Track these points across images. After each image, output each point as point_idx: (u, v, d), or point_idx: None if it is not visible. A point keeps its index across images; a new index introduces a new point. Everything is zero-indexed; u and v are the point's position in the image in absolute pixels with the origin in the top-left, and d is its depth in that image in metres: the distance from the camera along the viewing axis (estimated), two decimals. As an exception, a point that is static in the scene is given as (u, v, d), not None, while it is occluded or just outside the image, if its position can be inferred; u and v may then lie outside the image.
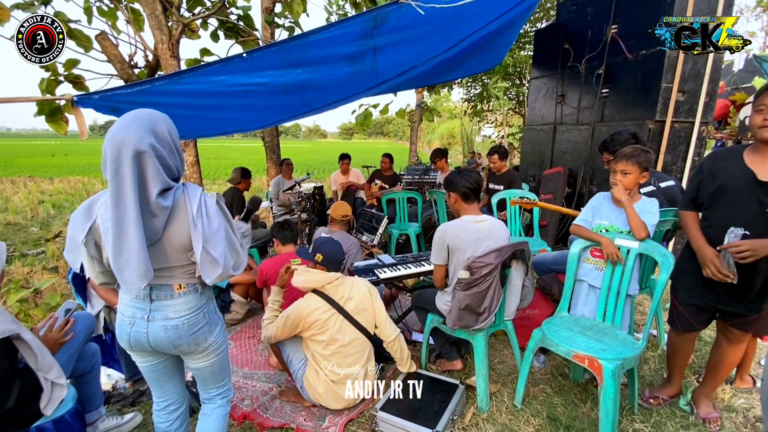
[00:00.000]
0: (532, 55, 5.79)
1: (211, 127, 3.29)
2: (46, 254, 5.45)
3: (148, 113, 1.25)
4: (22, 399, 1.44)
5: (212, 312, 1.46)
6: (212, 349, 1.46)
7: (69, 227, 1.26)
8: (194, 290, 1.38)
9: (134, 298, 1.35)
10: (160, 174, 1.19)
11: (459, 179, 2.06)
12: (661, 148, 3.75)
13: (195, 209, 1.24)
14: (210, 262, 1.26)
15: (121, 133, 1.14)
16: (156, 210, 1.20)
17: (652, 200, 1.98)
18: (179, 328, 1.36)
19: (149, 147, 1.15)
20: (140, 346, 1.39)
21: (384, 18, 2.50)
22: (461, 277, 1.90)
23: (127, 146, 1.12)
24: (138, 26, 4.39)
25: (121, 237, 1.14)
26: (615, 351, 1.73)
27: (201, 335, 1.41)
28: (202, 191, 1.30)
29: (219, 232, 1.28)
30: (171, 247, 1.28)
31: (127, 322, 1.37)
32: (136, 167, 1.13)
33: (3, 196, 10.34)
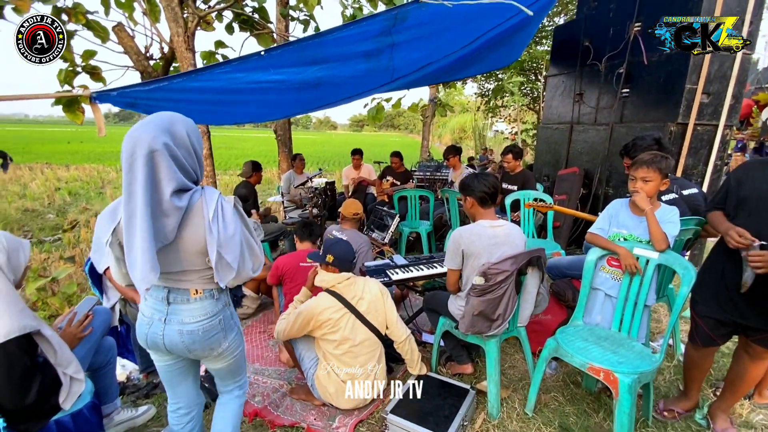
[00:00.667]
0: (550, 52, 5.66)
1: (226, 119, 3.30)
2: (62, 242, 5.56)
3: (168, 115, 1.25)
4: (42, 393, 1.47)
5: (228, 318, 1.46)
6: (228, 353, 1.47)
7: (96, 229, 1.32)
8: (210, 296, 1.39)
9: (154, 299, 1.37)
10: (174, 173, 1.19)
11: (476, 183, 2.03)
12: (682, 151, 3.65)
13: (211, 213, 1.23)
14: (224, 266, 1.27)
15: (137, 132, 1.16)
16: (169, 210, 1.19)
17: (672, 209, 1.92)
18: (194, 334, 1.37)
19: (162, 146, 1.16)
20: (156, 346, 1.42)
21: (404, 16, 2.46)
22: (476, 283, 1.88)
23: (141, 144, 1.14)
24: (154, 17, 4.39)
25: (130, 234, 1.15)
26: (631, 364, 1.69)
27: (215, 341, 1.42)
28: (220, 195, 1.30)
29: (234, 237, 1.27)
30: (187, 250, 1.28)
31: (146, 322, 1.39)
32: (148, 165, 1.14)
33: (21, 182, 10.55)
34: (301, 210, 4.85)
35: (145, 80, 4.16)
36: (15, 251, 1.50)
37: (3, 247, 1.46)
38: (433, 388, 2.12)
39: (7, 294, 1.42)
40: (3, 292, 1.41)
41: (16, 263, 1.50)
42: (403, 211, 4.77)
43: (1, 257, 1.44)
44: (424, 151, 8.98)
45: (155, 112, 2.34)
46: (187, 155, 1.25)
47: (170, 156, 1.18)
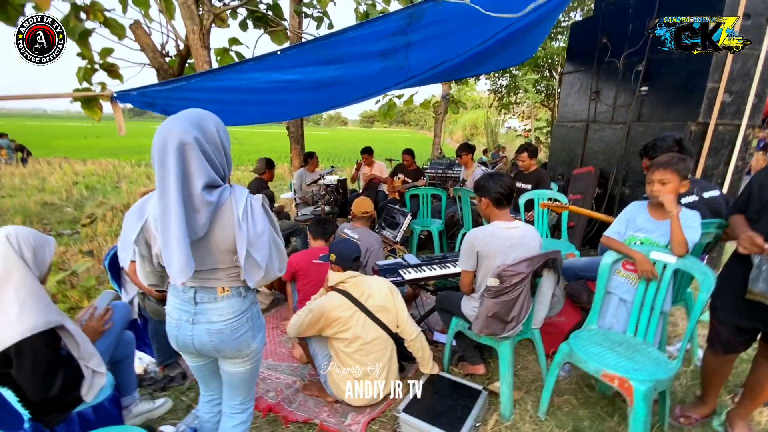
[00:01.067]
0: (566, 49, 5.57)
1: (242, 119, 3.33)
2: (80, 235, 5.69)
3: (198, 111, 1.25)
4: (65, 386, 1.52)
5: (256, 317, 1.46)
6: (254, 354, 1.47)
7: (124, 225, 1.30)
8: (237, 294, 1.38)
9: (180, 300, 1.37)
10: (204, 167, 1.18)
11: (491, 184, 2.01)
12: (702, 151, 3.57)
13: (241, 211, 1.23)
14: (253, 265, 1.26)
15: (168, 126, 1.17)
16: (199, 204, 1.18)
17: (694, 214, 1.87)
18: (222, 333, 1.36)
19: (193, 139, 1.15)
20: (186, 348, 1.43)
21: (420, 15, 2.44)
22: (490, 285, 1.87)
23: (172, 137, 1.14)
24: (170, 15, 4.43)
25: (165, 228, 1.15)
26: (647, 371, 1.66)
27: (244, 341, 1.41)
28: (248, 193, 1.30)
29: (263, 235, 1.27)
30: (216, 247, 1.28)
31: (174, 324, 1.40)
32: (179, 158, 1.14)
33: (40, 176, 10.81)
34: (313, 207, 4.87)
35: (161, 77, 4.22)
36: (41, 247, 1.54)
37: (30, 244, 1.50)
38: (445, 388, 2.12)
39: (34, 289, 1.46)
40: (30, 287, 1.45)
41: (42, 259, 1.54)
42: (414, 209, 4.76)
43: (27, 253, 1.49)
44: (435, 149, 8.94)
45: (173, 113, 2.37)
46: (216, 151, 1.24)
47: (200, 150, 1.18)
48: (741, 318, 1.72)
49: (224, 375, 1.52)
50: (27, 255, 1.48)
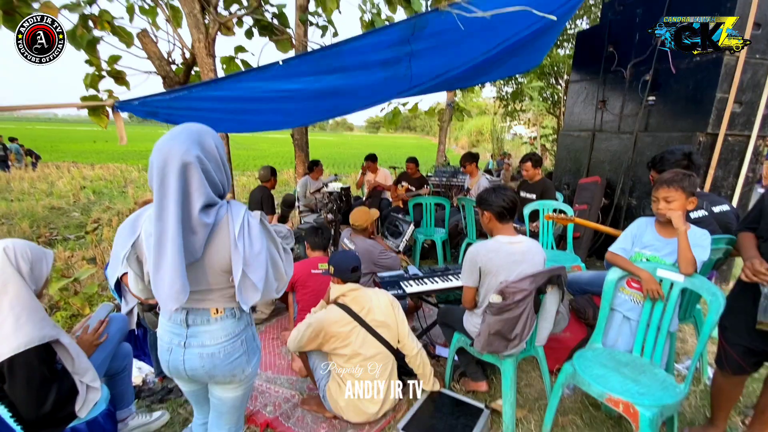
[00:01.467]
0: (573, 58, 5.53)
1: (245, 127, 3.34)
2: (86, 240, 5.72)
3: (197, 127, 1.20)
4: (58, 402, 1.49)
5: (251, 340, 1.39)
6: (248, 379, 1.40)
7: (115, 242, 1.24)
8: (232, 315, 1.32)
9: (172, 322, 1.31)
10: (204, 188, 1.14)
11: (494, 198, 1.98)
12: (711, 162, 3.51)
13: (237, 229, 1.18)
14: (249, 287, 1.20)
15: (168, 144, 1.11)
16: (197, 226, 1.14)
17: (704, 233, 1.81)
18: (215, 357, 1.30)
19: (195, 158, 1.11)
20: (178, 373, 1.36)
21: (423, 25, 2.43)
22: (493, 302, 1.82)
23: (174, 157, 1.09)
24: (177, 23, 4.47)
25: (160, 252, 1.10)
26: (654, 396, 1.59)
27: (238, 365, 1.34)
28: (246, 210, 1.25)
29: (260, 255, 1.21)
30: (211, 268, 1.23)
31: (165, 348, 1.33)
32: (181, 179, 1.09)
33: (49, 181, 10.95)
34: (316, 215, 4.86)
35: (167, 85, 4.25)
36: (38, 261, 1.53)
37: (27, 258, 1.49)
38: (446, 406, 2.07)
39: (29, 303, 1.45)
40: (25, 301, 1.44)
41: (38, 273, 1.53)
42: (418, 217, 4.73)
43: (24, 267, 1.47)
44: (440, 156, 8.91)
45: (176, 122, 2.35)
46: (216, 169, 1.20)
47: (202, 169, 1.13)
48: (752, 340, 1.66)
49: (213, 400, 1.45)
50: (24, 269, 1.47)
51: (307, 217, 5.12)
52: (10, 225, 6.50)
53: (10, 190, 9.50)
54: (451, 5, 2.46)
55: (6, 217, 7.08)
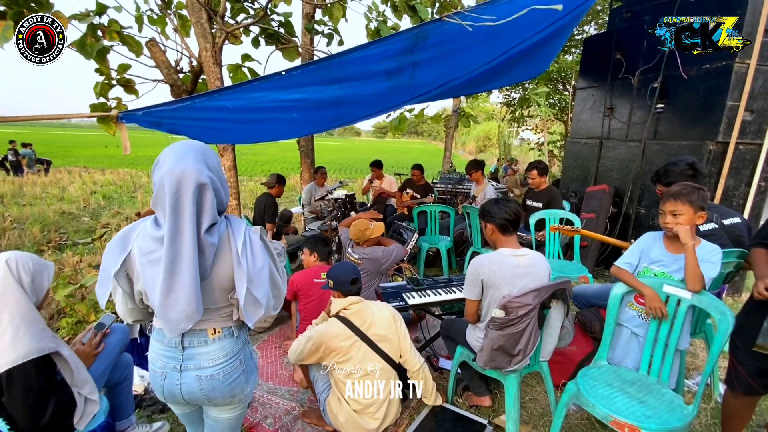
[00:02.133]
0: (580, 64, 5.48)
1: (247, 137, 3.35)
2: (95, 246, 5.79)
3: (198, 145, 1.19)
4: (56, 415, 1.49)
5: (248, 358, 1.37)
6: (245, 399, 1.38)
7: (103, 259, 1.19)
8: (230, 334, 1.29)
9: (165, 346, 1.27)
10: (213, 208, 1.14)
11: (496, 210, 1.95)
12: (722, 171, 3.43)
13: (240, 246, 1.16)
14: (252, 303, 1.18)
15: (180, 166, 1.09)
16: (205, 247, 1.12)
17: (715, 248, 1.75)
18: (214, 379, 1.26)
19: (208, 179, 1.11)
20: (174, 398, 1.32)
21: (426, 34, 2.42)
22: (495, 316, 1.79)
23: (188, 179, 1.08)
24: (185, 32, 4.53)
25: (174, 275, 1.08)
26: (660, 419, 1.53)
27: (237, 386, 1.32)
28: (246, 226, 1.23)
29: (263, 271, 1.20)
30: (214, 287, 1.20)
31: (159, 374, 1.29)
32: (196, 201, 1.08)
33: (60, 185, 11.12)
34: (321, 222, 4.86)
35: (174, 93, 4.30)
36: (40, 274, 1.54)
37: (29, 270, 1.50)
38: (448, 422, 2.04)
39: (29, 315, 1.45)
40: (25, 312, 1.44)
41: (39, 285, 1.53)
42: (422, 225, 4.70)
43: (26, 279, 1.48)
44: (446, 162, 8.88)
45: (180, 132, 2.34)
46: (222, 187, 1.20)
47: (213, 189, 1.13)
48: (765, 359, 1.60)
49: (209, 422, 1.42)
50: (25, 281, 1.48)
51: (313, 224, 5.12)
52: (21, 230, 6.61)
53: (22, 195, 9.67)
54: (457, 14, 2.46)
55: (18, 221, 7.19)
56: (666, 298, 1.78)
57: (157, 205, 1.12)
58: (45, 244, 5.95)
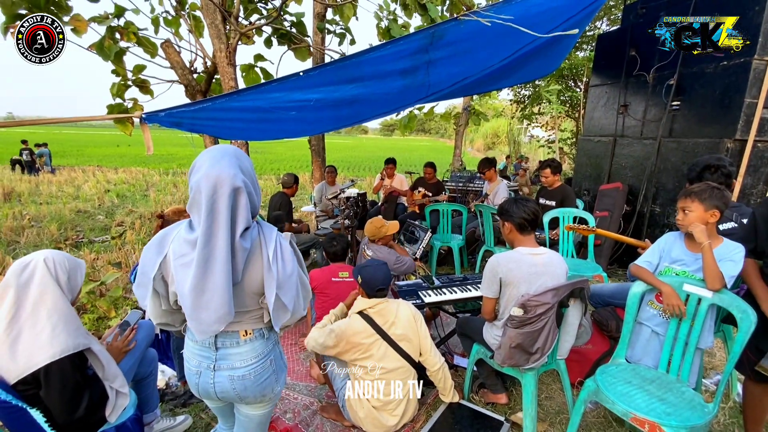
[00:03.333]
0: (593, 61, 5.43)
1: (265, 135, 3.39)
2: (111, 244, 5.90)
3: (232, 149, 1.21)
4: (90, 407, 1.55)
5: (279, 358, 1.41)
6: (275, 397, 1.42)
7: (141, 260, 1.23)
8: (261, 336, 1.33)
9: (200, 345, 1.30)
10: (247, 212, 1.16)
11: (515, 209, 1.96)
12: (740, 170, 3.39)
13: (271, 253, 1.18)
14: (281, 308, 1.21)
15: (216, 170, 1.12)
16: (238, 251, 1.14)
17: (737, 246, 1.73)
18: (246, 379, 1.30)
19: (243, 183, 1.13)
20: (208, 395, 1.37)
21: (441, 34, 2.44)
22: (514, 315, 1.80)
23: (224, 183, 1.10)
24: (199, 33, 4.59)
25: (207, 276, 1.10)
26: (681, 416, 1.54)
27: (268, 385, 1.36)
28: (277, 232, 1.25)
29: (292, 276, 1.22)
30: (244, 291, 1.23)
31: (194, 372, 1.34)
32: (231, 205, 1.11)
33: (75, 184, 11.34)
34: (333, 221, 4.89)
35: (189, 93, 4.36)
36: (74, 271, 1.59)
37: (65, 268, 1.55)
38: (465, 419, 2.06)
39: (66, 312, 1.50)
40: (62, 310, 1.49)
41: (74, 283, 1.59)
42: (434, 223, 4.71)
43: (63, 277, 1.53)
44: (456, 161, 8.87)
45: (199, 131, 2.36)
46: (253, 191, 1.21)
47: (247, 193, 1.15)
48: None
49: (240, 417, 1.47)
50: (62, 279, 1.53)
51: (324, 222, 5.17)
52: (39, 228, 6.76)
53: (39, 194, 9.88)
54: (473, 12, 2.46)
55: (36, 219, 7.36)
56: (686, 297, 1.78)
57: (192, 208, 1.15)
58: (62, 242, 6.08)
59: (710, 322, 1.76)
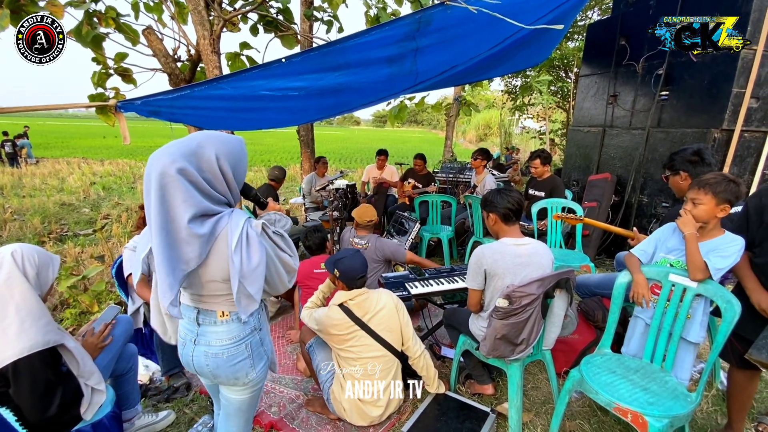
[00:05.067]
0: (583, 51, 5.40)
1: (247, 125, 3.31)
2: (96, 236, 5.79)
3: (201, 137, 1.20)
4: (63, 406, 1.50)
5: (257, 345, 1.39)
6: (253, 384, 1.41)
7: (138, 246, 1.33)
8: (238, 319, 1.33)
9: (188, 318, 1.36)
10: (193, 198, 1.13)
11: (499, 199, 1.93)
12: (726, 159, 3.41)
13: (234, 243, 1.17)
14: (245, 297, 1.21)
15: (157, 155, 1.14)
16: (188, 237, 1.13)
17: (734, 239, 1.68)
18: (218, 357, 1.33)
19: (177, 171, 1.11)
20: (189, 367, 1.42)
21: (428, 20, 2.37)
22: (499, 306, 1.79)
23: (156, 169, 1.11)
24: (182, 20, 4.45)
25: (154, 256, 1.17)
26: (663, 405, 1.54)
27: (242, 369, 1.35)
28: (247, 220, 1.22)
29: (258, 268, 1.20)
30: (212, 277, 1.24)
31: (182, 342, 1.40)
32: (160, 190, 1.11)
33: (59, 177, 11.08)
34: (322, 213, 4.84)
35: (172, 82, 4.24)
36: (45, 266, 1.53)
37: (34, 263, 1.50)
38: (451, 410, 2.05)
39: (34, 307, 1.45)
40: (30, 305, 1.44)
41: (45, 279, 1.53)
42: (424, 215, 4.69)
43: (31, 272, 1.48)
44: (447, 151, 8.82)
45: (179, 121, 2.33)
46: (213, 179, 1.19)
47: (188, 181, 1.13)
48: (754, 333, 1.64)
49: (222, 400, 1.48)
50: (30, 273, 1.48)
51: (313, 214, 5.11)
52: (21, 221, 6.60)
53: (22, 186, 9.64)
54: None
55: (18, 213, 7.18)
56: (672, 286, 1.77)
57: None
58: (46, 235, 5.94)
59: (702, 317, 1.74)
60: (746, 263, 1.74)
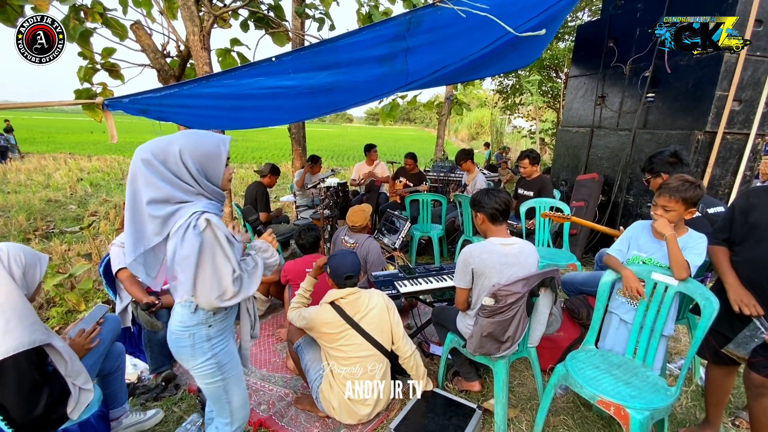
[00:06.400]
0: (572, 52, 5.46)
1: (237, 124, 3.30)
2: (83, 234, 5.70)
3: (172, 136, 1.36)
4: (50, 405, 1.50)
5: (202, 339, 1.45)
6: (197, 374, 1.49)
7: None
8: (188, 307, 1.42)
9: None
10: (154, 185, 1.31)
11: (486, 200, 1.96)
12: (709, 161, 3.49)
13: (174, 229, 1.31)
14: (179, 283, 1.32)
15: (137, 149, 1.34)
16: (147, 216, 1.33)
17: (700, 236, 1.80)
18: (171, 334, 1.47)
19: (141, 161, 1.32)
20: None
21: (418, 20, 2.39)
22: (485, 304, 1.82)
23: (133, 159, 1.34)
24: (171, 15, 4.40)
25: None
26: (645, 399, 1.60)
27: (182, 354, 1.47)
28: (194, 215, 1.31)
29: (188, 259, 1.29)
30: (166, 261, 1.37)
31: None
32: (131, 176, 1.34)
33: (45, 172, 10.87)
34: (313, 211, 4.84)
35: (161, 78, 4.20)
36: (32, 266, 1.52)
37: (21, 263, 1.48)
38: (438, 407, 2.08)
39: (20, 307, 1.44)
40: (15, 305, 1.43)
41: (32, 278, 1.52)
42: (414, 213, 4.72)
43: (17, 272, 1.47)
44: (438, 150, 8.86)
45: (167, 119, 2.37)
46: (176, 170, 1.34)
47: (151, 171, 1.31)
48: (732, 331, 1.72)
49: None
50: (16, 273, 1.46)
51: (304, 213, 5.11)
52: (6, 218, 6.47)
53: (6, 182, 9.44)
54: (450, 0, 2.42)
55: (2, 209, 7.05)
56: (654, 284, 1.83)
57: None
58: (31, 232, 5.84)
59: (673, 311, 1.82)
60: (726, 260, 1.80)
